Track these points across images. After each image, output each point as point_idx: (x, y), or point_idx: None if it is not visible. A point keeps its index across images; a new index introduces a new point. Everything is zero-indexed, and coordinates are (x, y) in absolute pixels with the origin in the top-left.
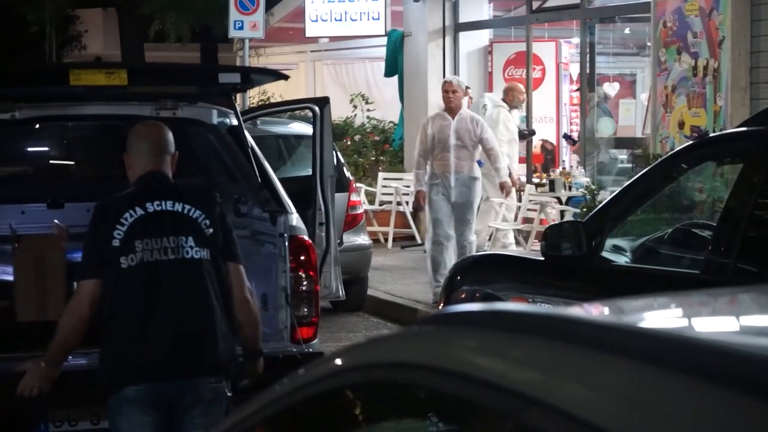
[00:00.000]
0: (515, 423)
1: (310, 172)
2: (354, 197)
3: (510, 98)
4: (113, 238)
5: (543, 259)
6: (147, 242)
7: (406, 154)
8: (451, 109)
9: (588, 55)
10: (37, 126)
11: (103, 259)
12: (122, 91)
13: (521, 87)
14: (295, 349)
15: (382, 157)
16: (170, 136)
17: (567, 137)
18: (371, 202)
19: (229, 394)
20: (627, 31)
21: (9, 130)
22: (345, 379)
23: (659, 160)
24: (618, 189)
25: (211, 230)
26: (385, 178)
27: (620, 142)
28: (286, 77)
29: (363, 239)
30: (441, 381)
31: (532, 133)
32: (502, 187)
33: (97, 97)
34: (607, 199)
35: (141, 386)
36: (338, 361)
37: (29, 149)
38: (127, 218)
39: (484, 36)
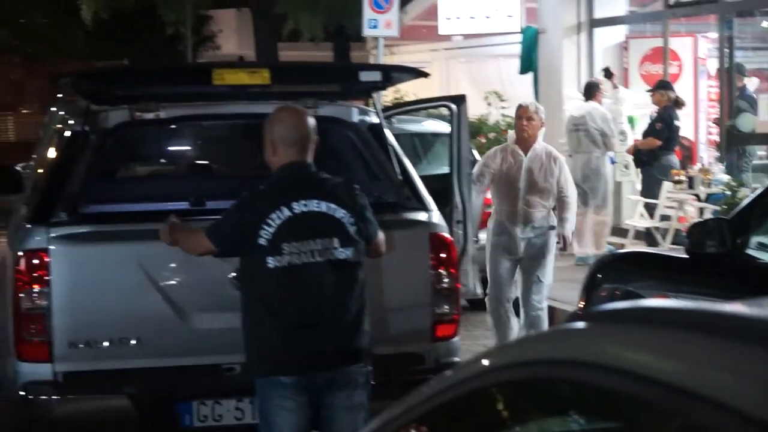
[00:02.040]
0: (676, 419)
1: (445, 170)
2: (490, 194)
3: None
4: (259, 237)
5: (687, 256)
6: (294, 245)
7: None
8: (524, 139)
9: (726, 50)
10: (180, 125)
11: (237, 244)
12: (264, 90)
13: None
14: (434, 348)
15: None
16: (312, 121)
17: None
18: None
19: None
20: (765, 24)
21: (153, 129)
22: (499, 376)
23: None
24: (760, 186)
25: (354, 228)
26: None
27: (761, 138)
28: (426, 75)
29: None
30: (599, 377)
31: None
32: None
33: (240, 96)
34: (752, 196)
35: (292, 376)
36: (492, 360)
37: (173, 148)
38: (274, 219)
39: (619, 32)
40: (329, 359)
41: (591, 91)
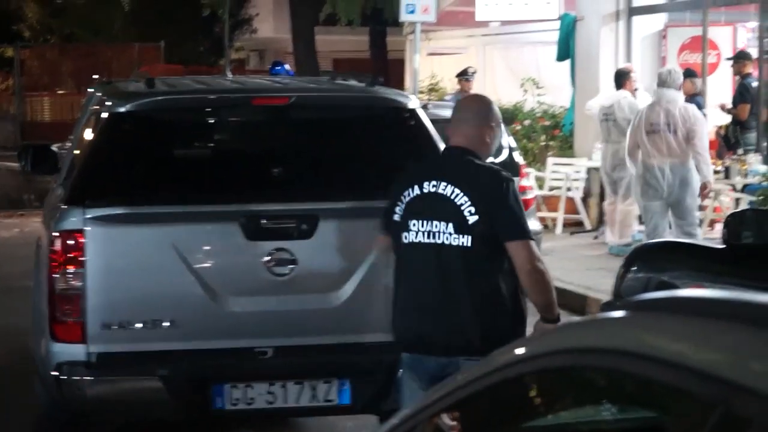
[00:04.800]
0: (719, 409)
1: None
2: (524, 182)
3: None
4: (394, 213)
5: (723, 246)
6: (417, 223)
7: (576, 140)
8: None
9: (766, 40)
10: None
11: (388, 223)
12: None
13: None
14: None
15: (551, 142)
16: (478, 108)
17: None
18: (540, 187)
19: None
20: None
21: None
22: (539, 364)
23: None
24: None
25: (475, 217)
26: (554, 164)
27: None
28: None
29: (533, 224)
30: (638, 366)
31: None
32: None
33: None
34: None
35: (410, 354)
36: (532, 347)
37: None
38: (406, 196)
39: (658, 20)
40: (436, 347)
41: (621, 80)
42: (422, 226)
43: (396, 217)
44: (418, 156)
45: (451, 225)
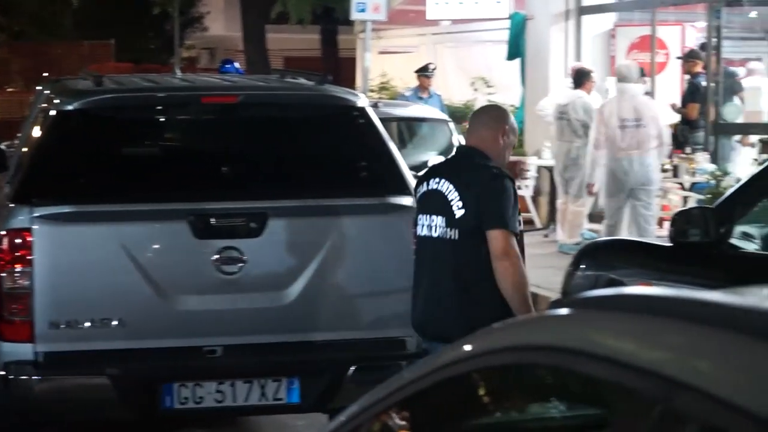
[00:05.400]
0: (659, 406)
1: (430, 155)
2: None
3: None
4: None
5: (670, 244)
6: (423, 218)
7: (526, 138)
8: None
9: (714, 39)
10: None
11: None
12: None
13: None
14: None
15: None
16: (500, 114)
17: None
18: None
19: None
20: (754, 14)
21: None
22: (483, 361)
23: None
24: (746, 175)
25: (462, 211)
26: None
27: (746, 128)
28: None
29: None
30: (581, 364)
31: None
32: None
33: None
34: (736, 185)
35: (425, 341)
36: (477, 345)
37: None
38: (419, 192)
39: (608, 19)
40: (425, 331)
41: (581, 80)
42: (424, 220)
43: (415, 213)
44: (367, 154)
45: (442, 218)
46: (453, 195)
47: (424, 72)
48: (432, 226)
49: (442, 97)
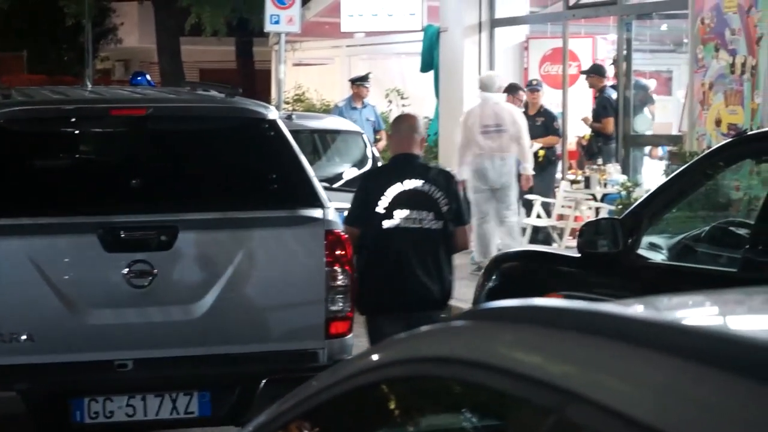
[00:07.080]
0: (553, 417)
1: (344, 167)
2: None
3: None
4: (377, 206)
5: (579, 255)
6: (402, 212)
7: (441, 150)
8: None
9: (625, 52)
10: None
11: (366, 215)
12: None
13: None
14: (327, 345)
15: None
16: (420, 122)
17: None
18: None
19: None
20: (664, 27)
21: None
22: (384, 373)
23: (696, 157)
24: (654, 186)
25: (447, 207)
26: None
27: (656, 140)
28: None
29: None
30: (480, 375)
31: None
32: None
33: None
34: (644, 197)
35: (391, 315)
36: (378, 356)
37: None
38: (391, 191)
39: (520, 32)
40: (417, 304)
41: (510, 93)
42: (408, 214)
43: (379, 209)
44: (278, 167)
45: (431, 213)
46: (438, 194)
47: (363, 81)
48: (418, 219)
49: (376, 108)
